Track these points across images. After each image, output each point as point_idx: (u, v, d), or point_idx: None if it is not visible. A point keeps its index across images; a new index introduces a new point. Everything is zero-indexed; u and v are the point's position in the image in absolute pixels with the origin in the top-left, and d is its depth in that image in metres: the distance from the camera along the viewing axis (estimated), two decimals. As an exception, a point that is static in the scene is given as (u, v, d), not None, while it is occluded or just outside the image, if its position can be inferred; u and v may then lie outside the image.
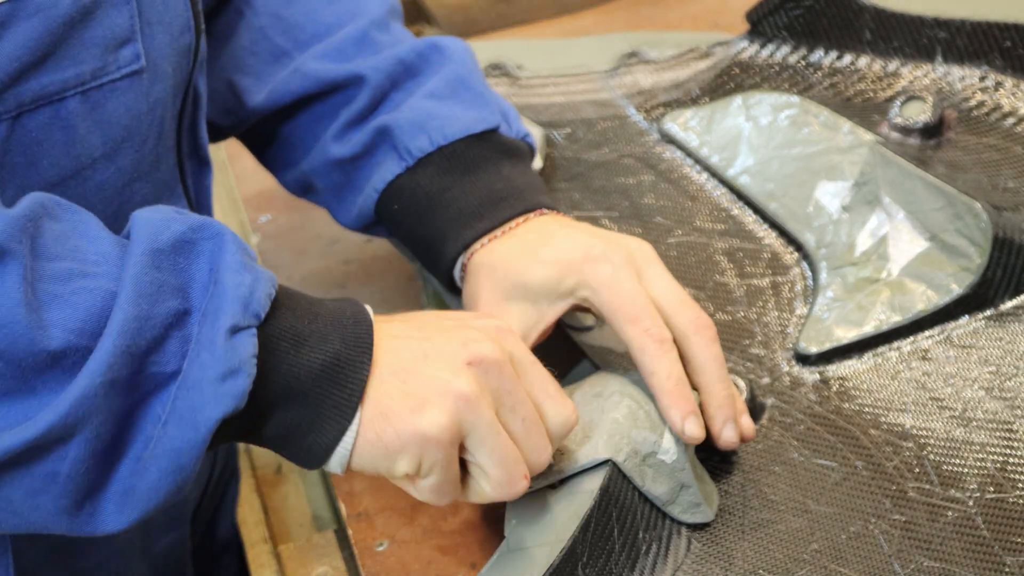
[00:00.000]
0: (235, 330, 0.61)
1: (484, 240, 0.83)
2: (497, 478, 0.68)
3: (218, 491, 1.05)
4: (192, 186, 0.84)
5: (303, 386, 0.64)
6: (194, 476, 0.63)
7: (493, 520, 0.86)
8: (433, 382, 0.66)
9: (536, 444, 0.69)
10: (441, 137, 0.86)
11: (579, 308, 0.82)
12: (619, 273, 0.79)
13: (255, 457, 1.05)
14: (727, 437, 0.78)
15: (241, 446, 1.07)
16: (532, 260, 0.80)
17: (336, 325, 0.66)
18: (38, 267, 0.58)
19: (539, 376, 0.71)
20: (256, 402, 0.63)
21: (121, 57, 0.70)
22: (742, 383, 0.85)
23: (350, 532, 0.87)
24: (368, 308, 0.69)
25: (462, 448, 0.67)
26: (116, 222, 0.67)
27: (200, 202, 0.86)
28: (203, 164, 0.85)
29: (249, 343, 0.61)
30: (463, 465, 0.69)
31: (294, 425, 0.65)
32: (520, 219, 0.84)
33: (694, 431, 0.75)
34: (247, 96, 0.91)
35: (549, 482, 0.75)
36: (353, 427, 0.65)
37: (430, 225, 0.86)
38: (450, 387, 0.66)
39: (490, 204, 0.84)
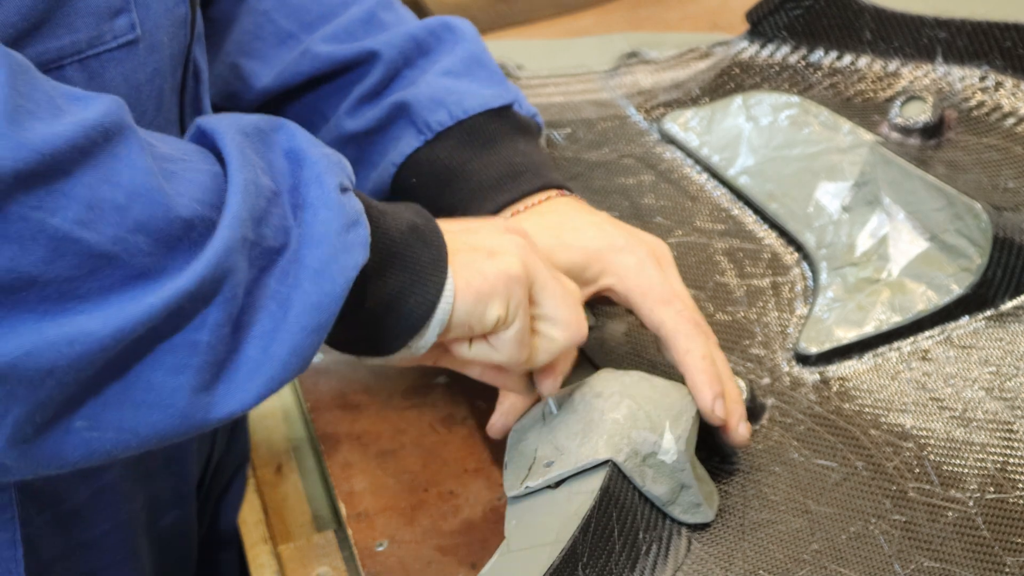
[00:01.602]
0: (343, 189, 0.65)
1: (507, 213, 0.85)
2: (565, 319, 0.74)
3: (222, 475, 1.05)
4: None
5: (397, 247, 0.68)
6: (325, 335, 0.64)
7: (493, 520, 0.86)
8: (494, 238, 0.72)
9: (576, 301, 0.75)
10: (460, 111, 0.88)
11: (600, 298, 0.83)
12: (644, 263, 0.82)
13: (255, 457, 1.05)
14: (742, 433, 0.79)
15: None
16: (557, 243, 0.82)
17: (398, 204, 0.71)
18: (151, 146, 0.60)
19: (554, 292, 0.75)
20: (370, 250, 0.65)
21: (116, 27, 0.71)
22: (742, 383, 0.85)
23: (350, 532, 0.87)
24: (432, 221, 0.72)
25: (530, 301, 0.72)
26: None
27: None
28: None
29: (356, 200, 0.65)
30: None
31: (395, 289, 0.68)
32: (542, 196, 0.86)
33: (722, 412, 0.77)
34: (254, 79, 0.92)
35: (549, 482, 0.75)
36: (450, 281, 0.69)
37: (451, 197, 0.87)
38: (508, 240, 0.72)
39: (510, 177, 0.86)
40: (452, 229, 0.72)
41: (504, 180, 0.86)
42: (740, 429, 0.79)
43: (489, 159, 0.87)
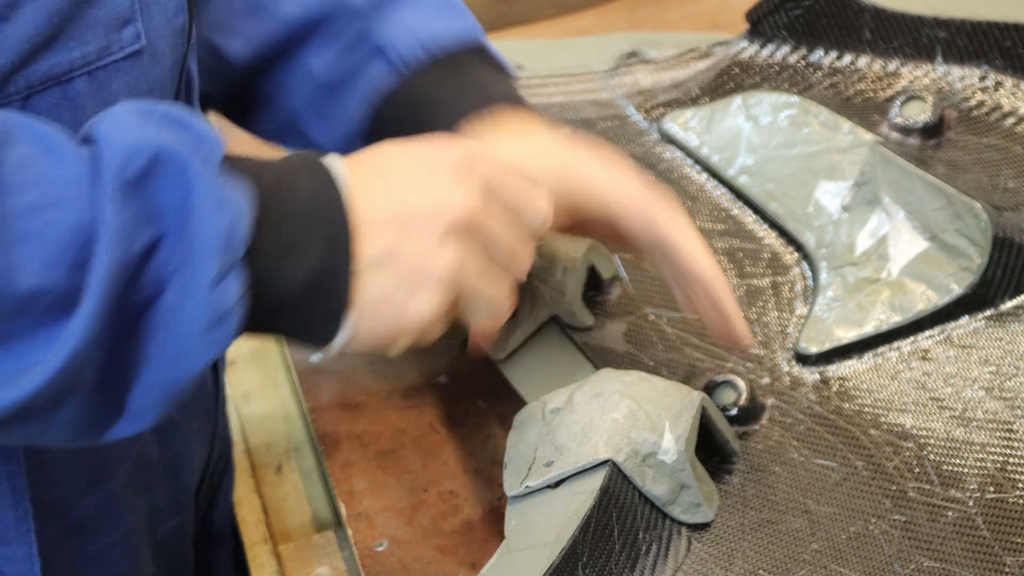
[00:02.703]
0: (221, 276, 0.60)
1: (478, 123, 0.84)
2: (482, 322, 0.75)
3: (215, 478, 1.05)
4: None
5: (291, 301, 0.64)
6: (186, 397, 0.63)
7: (493, 520, 0.86)
8: (418, 261, 0.66)
9: (518, 265, 0.71)
10: (435, 46, 0.87)
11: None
12: (613, 170, 0.79)
13: (255, 457, 1.05)
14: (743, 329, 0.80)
15: (239, 446, 1.07)
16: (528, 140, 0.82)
17: (313, 224, 0.64)
18: (5, 204, 0.56)
19: (512, 186, 0.70)
20: (248, 317, 0.62)
21: (123, 37, 0.70)
22: (742, 383, 0.85)
23: (350, 532, 0.87)
24: (335, 166, 0.66)
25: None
26: None
27: None
28: None
29: (235, 284, 0.60)
30: None
31: (287, 329, 0.67)
32: (512, 111, 0.85)
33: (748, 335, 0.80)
34: (233, 56, 0.91)
35: (549, 482, 0.75)
36: (345, 330, 0.66)
37: (432, 129, 0.84)
38: (435, 266, 0.66)
39: (489, 105, 0.85)
40: (377, 250, 0.65)
41: (485, 110, 0.84)
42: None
43: (470, 90, 0.86)
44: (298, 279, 0.63)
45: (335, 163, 0.67)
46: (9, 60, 0.65)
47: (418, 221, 0.66)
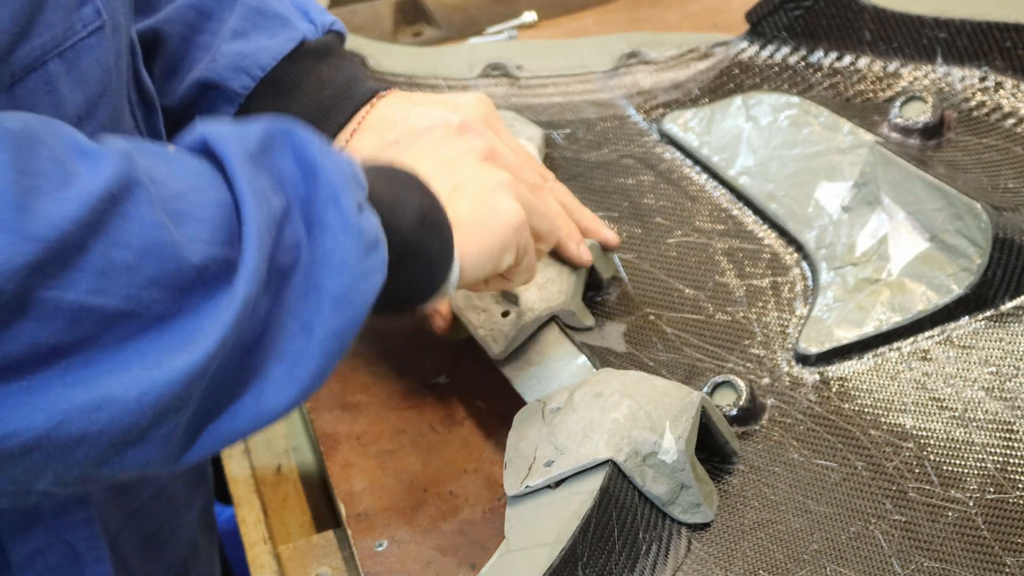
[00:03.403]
0: (360, 208, 0.65)
1: (344, 138, 0.92)
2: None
3: None
4: (146, 131, 0.86)
5: (409, 244, 0.70)
6: (346, 353, 0.66)
7: (493, 520, 0.86)
8: (484, 183, 0.79)
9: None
10: (258, 70, 0.94)
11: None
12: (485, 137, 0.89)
13: (255, 457, 1.05)
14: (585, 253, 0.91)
15: (239, 446, 1.07)
16: (396, 148, 0.89)
17: (399, 182, 0.73)
18: (159, 191, 0.60)
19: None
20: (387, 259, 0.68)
21: (84, 15, 0.73)
22: (742, 383, 0.85)
23: (350, 532, 0.87)
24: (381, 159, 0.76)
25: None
26: None
27: None
28: (151, 109, 0.87)
29: (374, 216, 0.66)
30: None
31: (407, 280, 0.71)
32: (363, 110, 0.93)
33: (586, 255, 0.91)
34: None
35: (549, 482, 0.75)
36: (456, 261, 0.74)
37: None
38: (497, 179, 0.79)
39: (325, 111, 0.93)
40: (438, 171, 0.78)
41: (322, 114, 0.93)
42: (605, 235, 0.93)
43: (300, 104, 0.93)
44: (411, 218, 0.71)
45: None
46: None
47: (458, 160, 0.81)
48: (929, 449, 0.81)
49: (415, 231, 0.70)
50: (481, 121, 0.90)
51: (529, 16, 1.35)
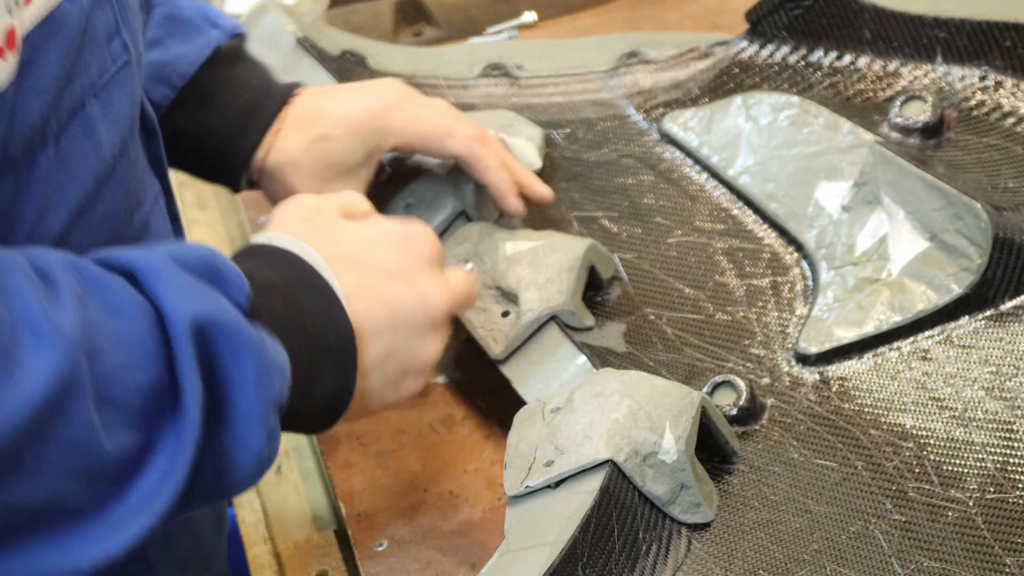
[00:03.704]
0: (269, 436, 0.64)
1: (267, 144, 0.95)
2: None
3: None
4: (147, 156, 0.84)
5: (307, 415, 0.71)
6: None
7: (493, 520, 0.86)
8: (410, 357, 0.76)
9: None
10: (178, 79, 0.95)
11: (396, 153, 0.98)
12: (410, 107, 0.96)
13: (255, 457, 1.05)
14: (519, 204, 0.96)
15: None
16: (324, 142, 0.95)
17: (326, 353, 0.70)
18: (95, 372, 0.57)
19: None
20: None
21: (113, 50, 0.72)
22: (742, 383, 0.85)
23: (350, 532, 0.87)
24: (327, 278, 0.72)
25: None
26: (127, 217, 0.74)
27: (158, 172, 0.85)
28: (152, 135, 0.85)
29: (276, 445, 0.65)
30: None
31: (296, 428, 0.72)
32: (285, 108, 0.96)
33: (521, 205, 0.96)
34: None
35: (549, 482, 0.75)
36: (339, 421, 0.74)
37: (205, 152, 0.96)
38: (425, 356, 0.76)
39: (248, 115, 0.96)
40: (374, 358, 0.73)
41: (247, 117, 0.96)
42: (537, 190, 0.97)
43: (223, 108, 0.96)
44: (315, 403, 0.71)
45: (323, 270, 0.72)
46: (45, 102, 0.65)
47: (409, 322, 0.75)
48: (929, 449, 0.81)
49: (314, 411, 0.71)
50: (402, 97, 0.97)
51: (529, 16, 1.35)
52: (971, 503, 0.77)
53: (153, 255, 0.63)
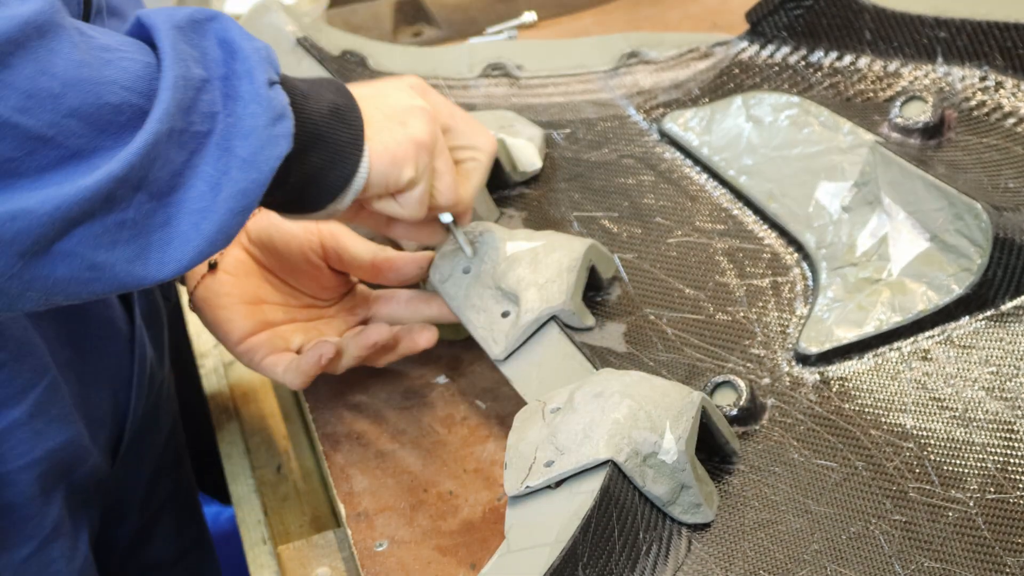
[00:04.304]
0: (271, 83, 0.73)
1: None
2: (481, 140, 0.90)
3: (139, 437, 1.08)
4: None
5: (319, 129, 0.77)
6: (250, 215, 0.73)
7: (493, 520, 0.86)
8: (403, 102, 0.83)
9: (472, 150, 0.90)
10: None
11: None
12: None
13: (255, 457, 1.05)
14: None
15: (239, 446, 1.07)
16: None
17: (318, 83, 0.79)
18: (86, 40, 0.67)
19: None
20: (293, 138, 0.74)
21: None
22: (742, 383, 0.85)
23: (350, 532, 0.87)
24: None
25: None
26: None
27: None
28: None
29: (282, 93, 0.74)
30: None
31: (317, 166, 0.78)
32: None
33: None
34: None
35: (549, 482, 0.75)
36: (365, 157, 0.79)
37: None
38: (417, 104, 0.83)
39: None
40: (366, 95, 0.82)
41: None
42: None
43: None
44: (322, 108, 0.77)
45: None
46: None
47: (390, 86, 0.85)
48: (929, 449, 0.81)
49: (325, 119, 0.77)
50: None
51: (529, 16, 1.35)
52: (971, 503, 0.77)
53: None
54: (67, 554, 0.97)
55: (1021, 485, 0.77)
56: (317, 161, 0.77)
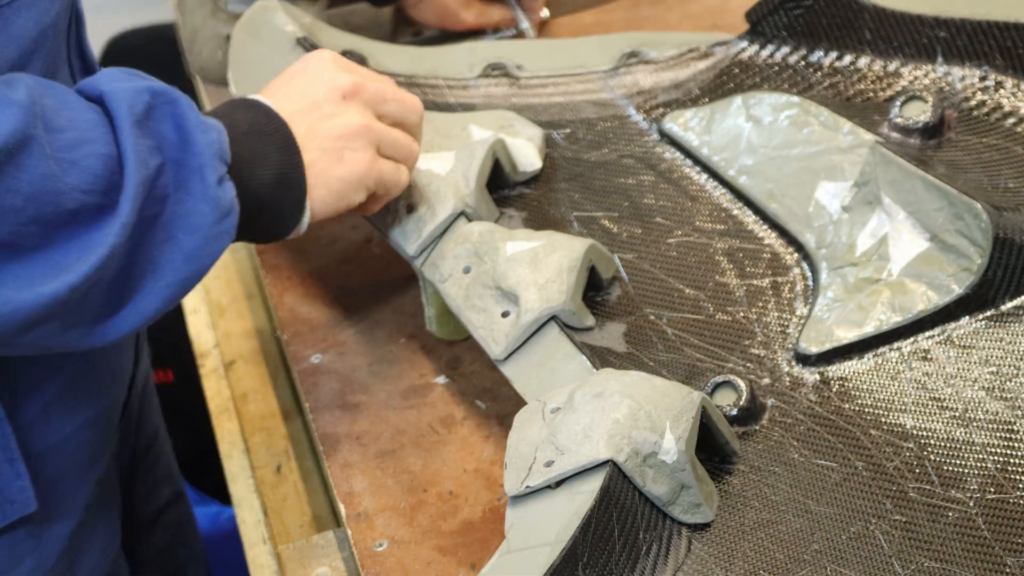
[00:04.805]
0: (220, 180, 0.77)
1: None
2: (408, 154, 0.92)
3: (137, 401, 1.13)
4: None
5: (263, 200, 0.81)
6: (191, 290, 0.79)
7: (493, 520, 0.86)
8: (339, 132, 0.86)
9: (408, 119, 0.92)
10: None
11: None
12: None
13: (254, 457, 1.05)
14: None
15: (238, 446, 1.07)
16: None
17: (264, 138, 0.83)
18: (52, 140, 0.71)
19: (378, 81, 0.91)
20: (239, 217, 0.79)
21: None
22: (742, 384, 0.85)
23: (350, 532, 0.87)
24: (261, 100, 0.86)
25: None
26: None
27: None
28: (91, 74, 0.92)
29: (230, 187, 0.78)
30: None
31: (262, 227, 0.83)
32: None
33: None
34: None
35: (549, 482, 0.75)
36: (307, 210, 0.85)
37: None
38: (351, 128, 0.86)
39: None
40: (297, 113, 0.85)
41: None
42: None
43: None
44: (267, 176, 0.81)
45: (253, 95, 0.86)
46: None
47: (321, 100, 0.86)
48: (929, 449, 0.81)
49: (271, 190, 0.82)
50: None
51: (543, 13, 1.36)
52: (971, 503, 0.77)
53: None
54: (108, 528, 1.01)
55: (1021, 485, 0.77)
56: (261, 224, 0.83)
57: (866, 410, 0.84)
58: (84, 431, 0.96)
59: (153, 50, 2.05)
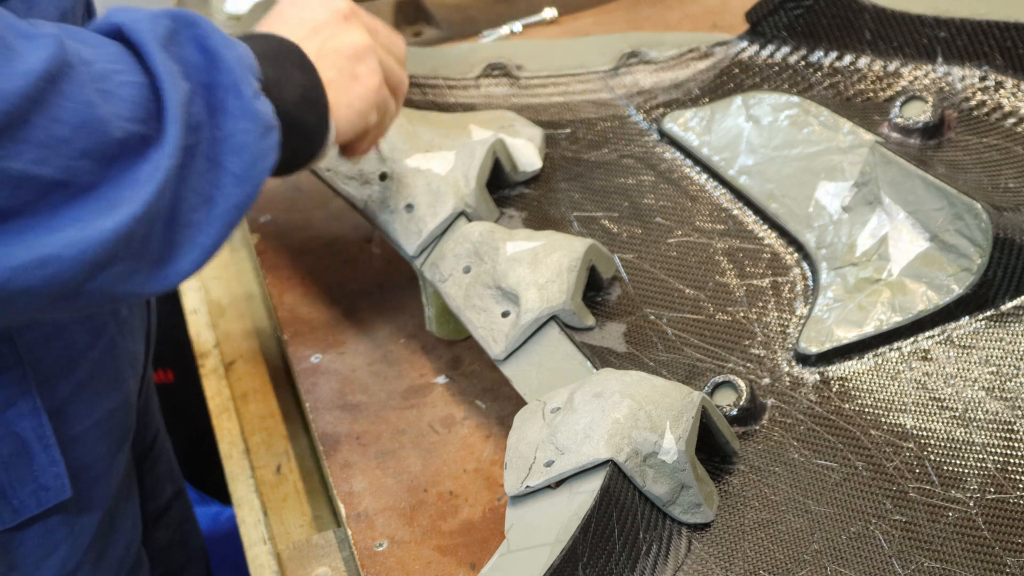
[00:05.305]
0: (256, 94, 0.74)
1: None
2: (399, 82, 0.91)
3: (146, 383, 1.13)
4: None
5: (292, 119, 0.79)
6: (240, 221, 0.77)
7: (493, 520, 0.86)
8: (349, 51, 0.85)
9: (398, 53, 0.92)
10: None
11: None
12: None
13: (254, 457, 1.05)
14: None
15: (238, 446, 1.07)
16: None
17: (283, 60, 0.81)
18: (88, 71, 0.68)
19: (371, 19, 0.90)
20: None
21: None
22: (742, 384, 0.85)
23: (350, 532, 0.87)
24: (267, 31, 0.84)
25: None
26: None
27: None
28: None
29: (267, 103, 0.75)
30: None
31: (293, 149, 0.80)
32: None
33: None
34: None
35: (549, 482, 0.75)
36: (332, 130, 0.83)
37: None
38: (359, 46, 0.86)
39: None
40: (305, 38, 0.84)
41: None
42: None
43: None
44: (294, 94, 0.80)
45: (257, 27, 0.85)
46: None
47: (322, 23, 0.86)
48: (929, 449, 0.81)
49: (297, 108, 0.80)
50: None
51: (549, 12, 1.36)
52: (971, 503, 0.77)
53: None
54: (131, 519, 1.02)
55: (1021, 485, 0.77)
56: (291, 146, 0.80)
57: (866, 410, 0.84)
58: (110, 417, 0.96)
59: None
